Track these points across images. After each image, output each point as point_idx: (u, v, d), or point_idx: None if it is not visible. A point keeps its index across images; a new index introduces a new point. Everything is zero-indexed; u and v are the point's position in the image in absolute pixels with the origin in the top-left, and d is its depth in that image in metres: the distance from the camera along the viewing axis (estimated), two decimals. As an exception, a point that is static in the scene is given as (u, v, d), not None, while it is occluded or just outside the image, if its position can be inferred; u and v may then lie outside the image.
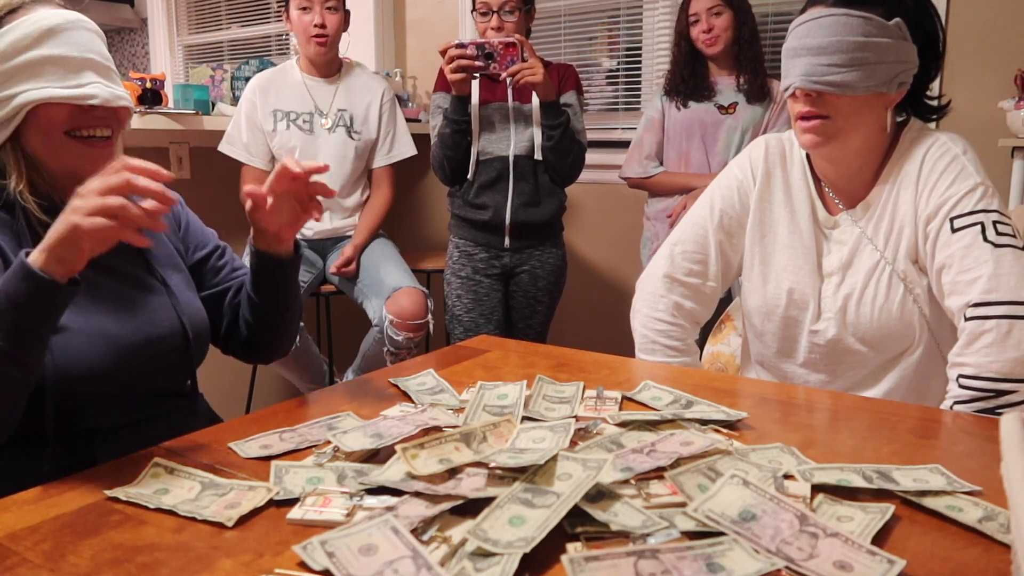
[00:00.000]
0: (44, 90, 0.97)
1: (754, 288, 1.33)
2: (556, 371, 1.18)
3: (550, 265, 2.35)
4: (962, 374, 1.10)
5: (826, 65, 1.14)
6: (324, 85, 2.53)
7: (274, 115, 2.46)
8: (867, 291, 1.22)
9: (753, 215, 1.32)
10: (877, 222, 1.23)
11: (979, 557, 0.65)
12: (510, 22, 2.19)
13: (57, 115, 0.99)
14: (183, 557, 0.66)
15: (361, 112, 2.54)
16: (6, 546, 0.68)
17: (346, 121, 2.52)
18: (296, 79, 2.51)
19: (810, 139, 1.20)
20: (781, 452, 0.85)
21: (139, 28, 4.68)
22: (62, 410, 0.98)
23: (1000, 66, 2.27)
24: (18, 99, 0.97)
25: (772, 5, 2.69)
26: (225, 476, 0.81)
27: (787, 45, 1.20)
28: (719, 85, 2.37)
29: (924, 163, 1.19)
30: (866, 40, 1.13)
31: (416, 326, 2.28)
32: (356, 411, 0.99)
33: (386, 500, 0.73)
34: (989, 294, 1.09)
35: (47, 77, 0.98)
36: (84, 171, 1.01)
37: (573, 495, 0.69)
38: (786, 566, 0.62)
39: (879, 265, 1.22)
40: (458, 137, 2.22)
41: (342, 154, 2.49)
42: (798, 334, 1.29)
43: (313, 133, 2.48)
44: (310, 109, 2.49)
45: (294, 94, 2.49)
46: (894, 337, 1.22)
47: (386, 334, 2.29)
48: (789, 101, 1.22)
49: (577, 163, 2.28)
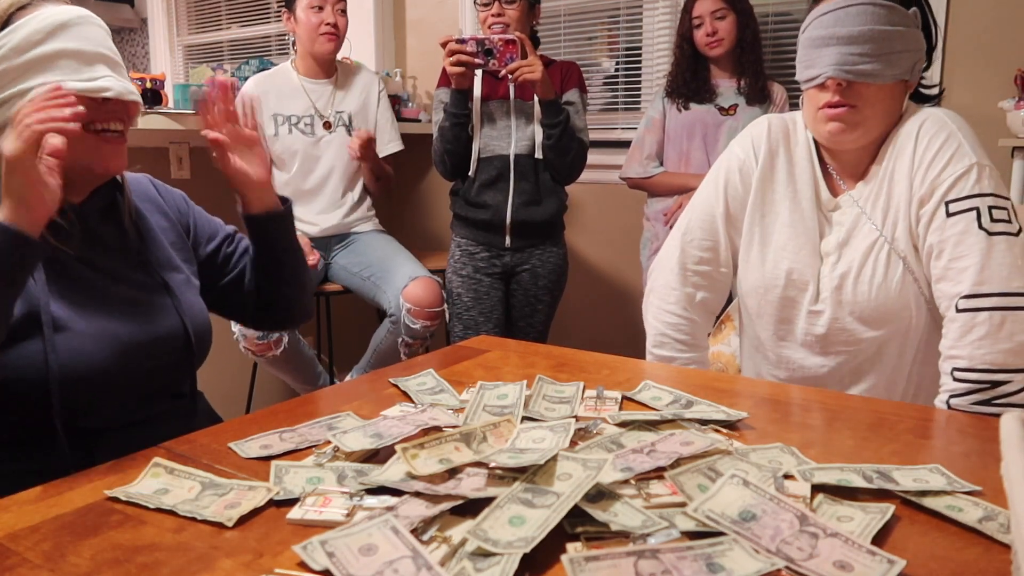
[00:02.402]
0: (66, 83, 0.97)
1: (752, 268, 1.32)
2: (556, 371, 1.18)
3: (551, 264, 2.35)
4: (956, 367, 1.10)
5: (858, 55, 1.14)
6: (322, 86, 2.54)
7: (274, 119, 2.48)
8: (865, 268, 1.21)
9: (754, 195, 1.31)
10: (875, 199, 1.23)
11: (979, 557, 0.65)
12: (511, 11, 2.19)
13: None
14: (183, 557, 0.66)
15: (358, 110, 2.57)
16: (6, 546, 0.68)
17: (345, 121, 2.55)
18: (294, 82, 2.53)
19: (836, 127, 1.20)
20: (781, 452, 0.85)
21: (139, 28, 4.68)
22: (66, 410, 0.98)
23: (1000, 66, 2.27)
24: (34, 92, 0.97)
25: (772, 5, 2.69)
26: (225, 476, 0.81)
27: (812, 34, 1.18)
28: (720, 87, 2.37)
29: (919, 139, 1.18)
30: (892, 29, 1.14)
31: (434, 314, 2.29)
32: (356, 411, 0.99)
33: (386, 500, 0.73)
34: (981, 285, 1.09)
35: (61, 70, 0.98)
36: (98, 165, 1.03)
37: (573, 495, 0.69)
38: (786, 566, 0.62)
39: (877, 243, 1.21)
40: (457, 130, 2.22)
41: (343, 153, 2.53)
42: (795, 315, 1.28)
43: (314, 135, 2.50)
44: (310, 112, 2.51)
45: (293, 97, 2.51)
46: (892, 316, 1.21)
47: (403, 323, 2.29)
48: (813, 91, 1.22)
49: (578, 162, 2.28)
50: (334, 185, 2.53)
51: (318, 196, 2.53)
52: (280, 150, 2.47)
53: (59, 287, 1.00)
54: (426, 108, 3.36)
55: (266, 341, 2.22)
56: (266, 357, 2.28)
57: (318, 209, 2.53)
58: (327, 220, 2.52)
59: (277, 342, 2.25)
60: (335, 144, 2.52)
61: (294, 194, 2.49)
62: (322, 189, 2.53)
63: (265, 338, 2.21)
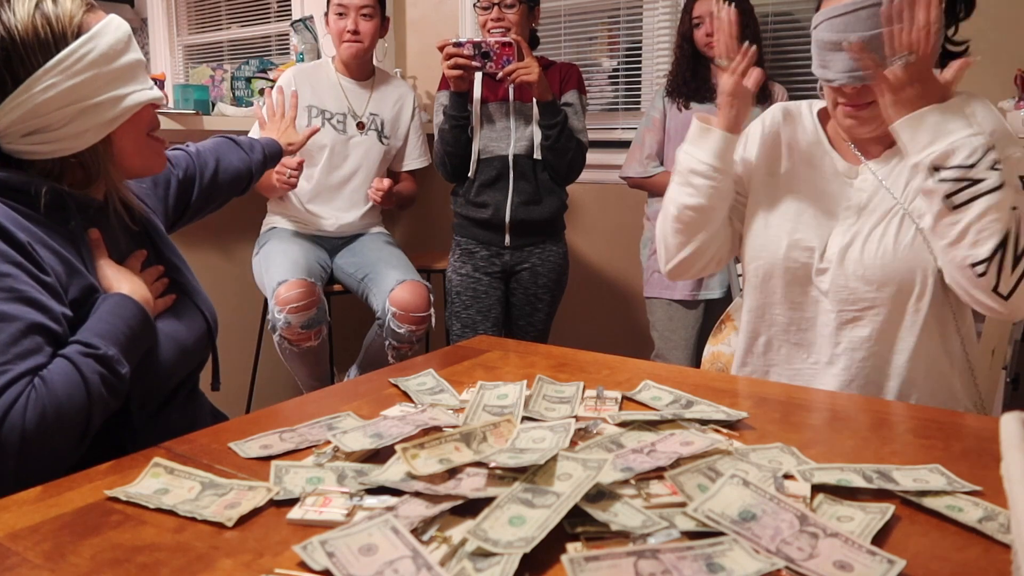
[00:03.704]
0: (146, 92, 1.04)
1: (756, 233, 1.33)
2: (556, 371, 1.18)
3: (551, 263, 2.36)
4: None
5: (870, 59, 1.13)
6: (358, 88, 2.56)
7: (308, 111, 2.49)
8: (875, 231, 1.22)
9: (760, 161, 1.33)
10: (899, 169, 1.23)
11: (979, 557, 0.65)
12: (510, 14, 2.19)
13: (147, 115, 1.07)
14: (183, 557, 0.66)
15: (391, 119, 2.60)
16: (6, 546, 0.68)
17: (378, 125, 2.57)
18: (332, 79, 2.54)
19: (852, 123, 1.22)
20: (781, 452, 0.85)
21: (139, 28, 4.68)
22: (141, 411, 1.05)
23: (1000, 66, 2.27)
24: (129, 100, 1.02)
25: (772, 5, 2.69)
26: (225, 476, 0.81)
27: (823, 37, 1.18)
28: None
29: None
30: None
31: (418, 319, 2.29)
32: (356, 411, 0.99)
33: (386, 500, 0.73)
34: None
35: (140, 80, 1.04)
36: (157, 168, 1.12)
37: (573, 495, 0.69)
38: (786, 566, 0.62)
39: (894, 208, 1.22)
40: (457, 133, 2.23)
41: (372, 156, 2.56)
42: (804, 276, 1.28)
43: (346, 133, 2.52)
44: (344, 110, 2.52)
45: (330, 93, 2.52)
46: (899, 277, 1.20)
47: (388, 327, 2.29)
48: (828, 88, 1.22)
49: (576, 162, 2.28)
50: (357, 185, 2.54)
51: (340, 194, 2.53)
52: (310, 143, 2.47)
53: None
54: (426, 108, 3.36)
55: (308, 331, 2.22)
56: (301, 347, 2.27)
57: (338, 207, 2.53)
58: (344, 218, 2.54)
59: (317, 332, 2.24)
60: (365, 145, 2.54)
61: (315, 189, 2.50)
62: (345, 187, 2.54)
63: (309, 327, 2.21)
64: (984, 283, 1.09)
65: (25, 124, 0.96)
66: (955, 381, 1.26)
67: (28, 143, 0.98)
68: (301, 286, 2.18)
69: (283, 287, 2.17)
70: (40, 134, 0.97)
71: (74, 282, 0.97)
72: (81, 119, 0.98)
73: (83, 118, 0.99)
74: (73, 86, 0.97)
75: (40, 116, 0.96)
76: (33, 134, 0.97)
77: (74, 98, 0.97)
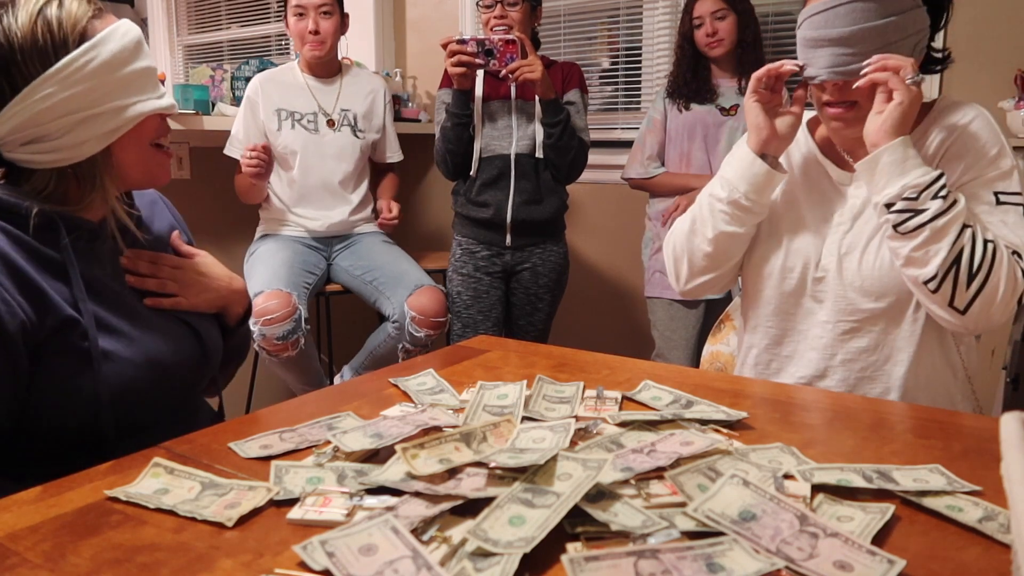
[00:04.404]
0: (152, 101, 1.01)
1: (753, 244, 1.33)
2: (556, 371, 1.18)
3: (552, 263, 2.36)
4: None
5: (851, 55, 1.14)
6: (326, 86, 2.55)
7: (277, 114, 2.48)
8: (873, 241, 1.22)
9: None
10: None
11: (979, 557, 0.65)
12: (513, 13, 2.20)
13: (152, 125, 1.04)
14: (183, 557, 0.66)
15: (364, 112, 2.59)
16: (6, 546, 0.68)
17: (350, 120, 2.56)
18: (299, 80, 2.54)
19: (837, 124, 1.22)
20: (781, 452, 0.85)
21: (139, 28, 4.68)
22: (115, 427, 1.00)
23: (1000, 66, 2.27)
24: (132, 110, 0.99)
25: (772, 5, 2.69)
26: (225, 476, 0.81)
27: (805, 34, 1.18)
28: (721, 87, 2.37)
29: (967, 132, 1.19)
30: (886, 22, 1.12)
31: (438, 323, 2.31)
32: (356, 411, 0.99)
33: (386, 500, 0.73)
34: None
35: (147, 88, 1.02)
36: (161, 180, 1.08)
37: (573, 495, 0.69)
38: (786, 566, 0.62)
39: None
40: (459, 130, 2.23)
41: (348, 152, 2.55)
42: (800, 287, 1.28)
43: (318, 132, 2.51)
44: (314, 109, 2.52)
45: (298, 95, 2.52)
46: (897, 288, 1.20)
47: (406, 330, 2.30)
48: (812, 88, 1.23)
49: (578, 161, 2.29)
50: (339, 182, 2.54)
51: (323, 193, 2.53)
52: (282, 147, 2.47)
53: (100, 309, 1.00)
54: (426, 108, 3.36)
55: (284, 342, 2.23)
56: (280, 357, 2.28)
57: (324, 206, 2.53)
58: (332, 217, 2.53)
59: (295, 343, 2.25)
60: (339, 142, 2.53)
61: (298, 192, 2.50)
62: (326, 187, 2.53)
63: (284, 339, 2.22)
64: (939, 299, 1.12)
65: (24, 133, 0.95)
66: (954, 391, 1.26)
67: (28, 152, 0.96)
68: (276, 297, 2.19)
69: (259, 298, 2.18)
70: (39, 143, 0.96)
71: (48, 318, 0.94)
72: (80, 129, 0.96)
73: (83, 128, 0.96)
74: (72, 96, 0.95)
75: (39, 125, 0.94)
76: (32, 143, 0.96)
77: (73, 108, 0.95)
